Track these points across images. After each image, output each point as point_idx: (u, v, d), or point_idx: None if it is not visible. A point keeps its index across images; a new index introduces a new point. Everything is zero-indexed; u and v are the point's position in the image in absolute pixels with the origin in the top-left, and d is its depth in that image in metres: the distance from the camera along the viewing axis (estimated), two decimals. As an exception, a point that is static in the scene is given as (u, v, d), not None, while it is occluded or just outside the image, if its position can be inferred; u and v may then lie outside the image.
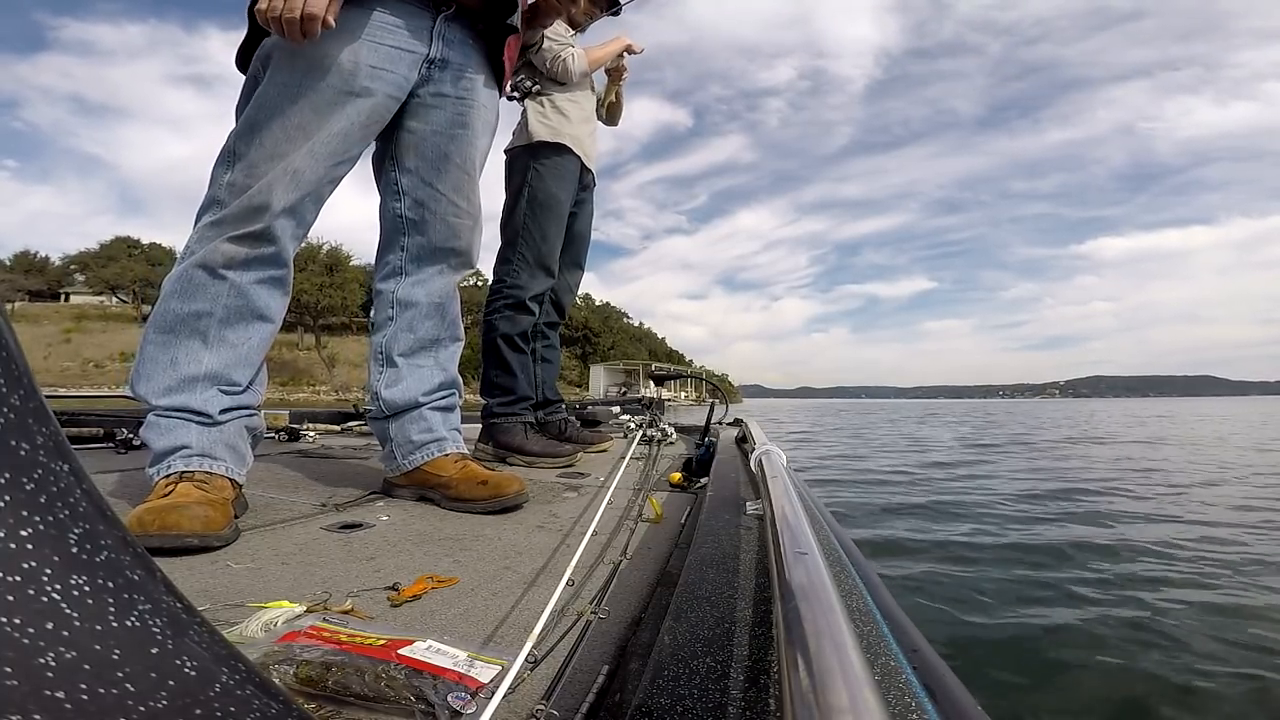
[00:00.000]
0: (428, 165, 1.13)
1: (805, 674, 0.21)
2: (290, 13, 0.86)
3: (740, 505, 0.83)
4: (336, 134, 0.98)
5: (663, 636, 0.41)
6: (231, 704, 0.17)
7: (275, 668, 0.43)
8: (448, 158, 1.14)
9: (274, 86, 0.96)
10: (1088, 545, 3.11)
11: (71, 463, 0.17)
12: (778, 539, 0.45)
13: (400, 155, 1.14)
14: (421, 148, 1.13)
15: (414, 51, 1.06)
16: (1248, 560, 2.86)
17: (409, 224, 1.16)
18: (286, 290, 1.05)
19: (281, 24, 0.88)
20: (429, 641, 0.49)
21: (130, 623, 0.16)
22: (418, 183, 1.14)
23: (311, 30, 0.88)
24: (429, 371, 1.19)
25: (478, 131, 1.16)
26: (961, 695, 0.39)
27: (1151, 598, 2.34)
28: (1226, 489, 5.01)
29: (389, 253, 1.19)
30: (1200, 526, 3.55)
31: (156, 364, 0.94)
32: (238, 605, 0.60)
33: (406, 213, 1.15)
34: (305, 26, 0.88)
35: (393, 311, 1.17)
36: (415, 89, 1.10)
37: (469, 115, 1.14)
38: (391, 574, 0.73)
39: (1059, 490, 4.84)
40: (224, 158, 0.97)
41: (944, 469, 6.27)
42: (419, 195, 1.14)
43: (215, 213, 0.96)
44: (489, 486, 1.09)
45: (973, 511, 3.96)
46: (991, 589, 2.46)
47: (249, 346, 1.00)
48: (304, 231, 1.04)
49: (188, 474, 0.89)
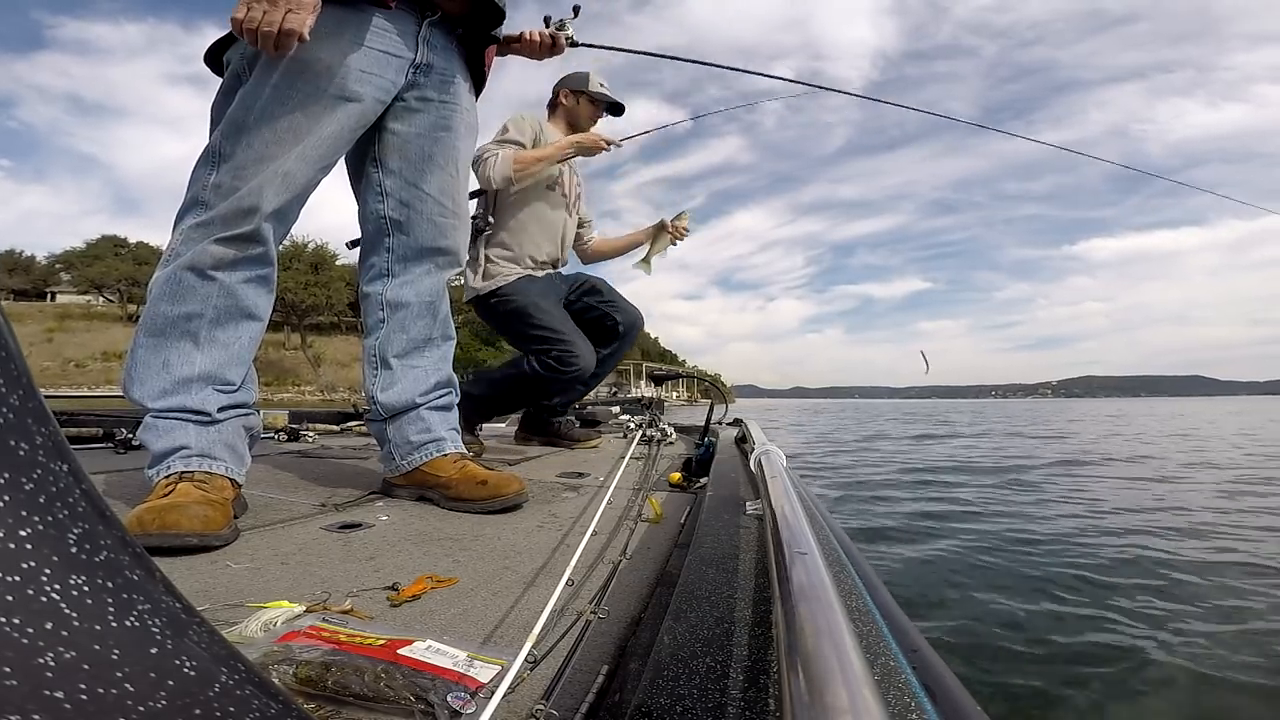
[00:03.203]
0: (411, 167, 1.13)
1: (804, 674, 0.21)
2: (269, 26, 0.85)
3: (740, 505, 0.83)
4: (327, 137, 0.99)
5: (662, 636, 0.41)
6: (231, 704, 0.17)
7: (275, 668, 0.43)
8: (431, 159, 1.14)
9: (262, 88, 0.95)
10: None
11: (70, 463, 0.17)
12: (777, 539, 0.45)
13: (383, 157, 1.13)
14: (405, 149, 1.13)
15: (401, 56, 1.06)
16: (1136, 528, 3.34)
17: (393, 225, 1.15)
18: (272, 288, 1.06)
19: (258, 36, 0.87)
20: (428, 641, 0.49)
21: (129, 623, 0.16)
22: (402, 184, 1.14)
23: (287, 45, 0.87)
24: (424, 371, 1.19)
25: (460, 134, 1.17)
26: (961, 695, 0.39)
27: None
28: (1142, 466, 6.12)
29: (373, 255, 1.18)
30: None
31: (149, 367, 0.94)
32: (237, 605, 0.60)
33: (390, 213, 1.15)
34: (281, 41, 0.87)
35: (383, 314, 1.17)
36: (400, 93, 1.10)
37: (452, 119, 1.15)
38: (391, 574, 0.73)
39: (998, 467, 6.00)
40: (208, 159, 0.96)
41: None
42: (403, 196, 1.14)
43: (200, 214, 0.95)
44: (488, 487, 1.09)
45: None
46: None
47: (240, 345, 1.00)
48: (286, 230, 1.04)
49: (187, 474, 0.89)
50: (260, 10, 0.85)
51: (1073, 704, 1.58)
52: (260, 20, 0.85)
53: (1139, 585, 2.39)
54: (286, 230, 1.04)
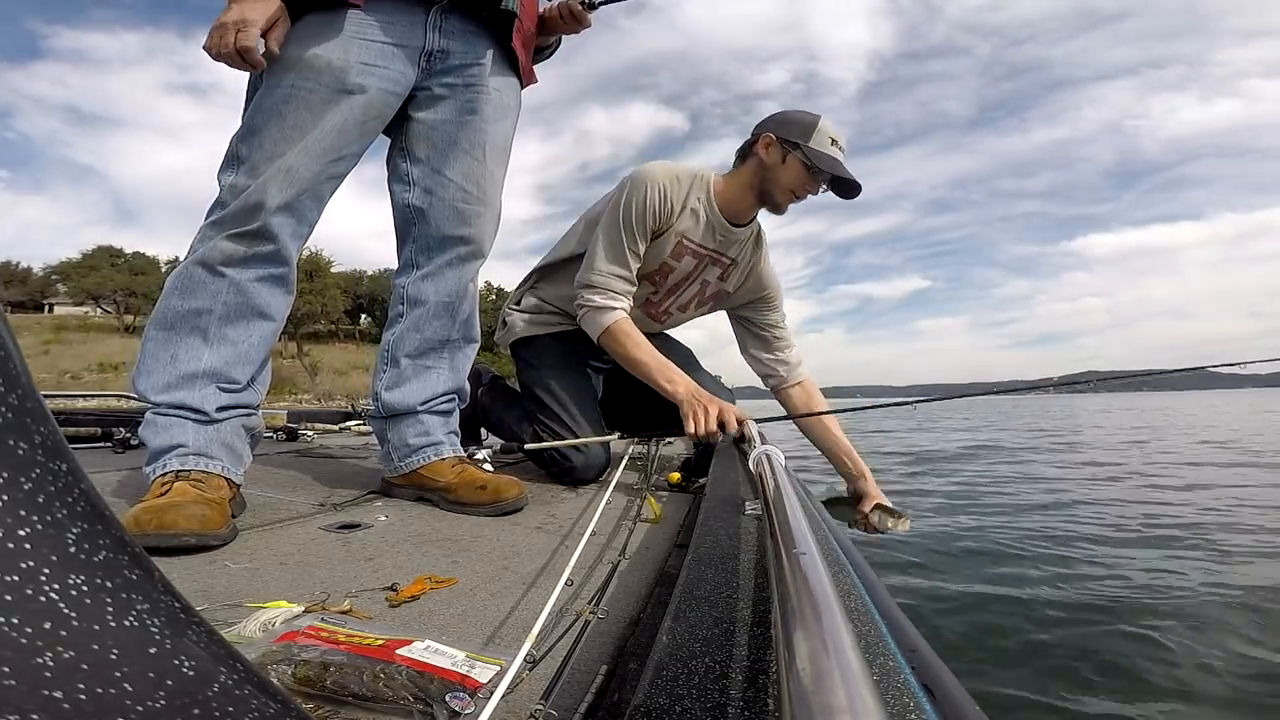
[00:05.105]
0: (438, 154, 1.13)
1: (803, 674, 0.21)
2: (226, 48, 0.89)
3: (739, 505, 0.83)
4: (330, 131, 0.99)
5: (661, 636, 0.41)
6: (230, 704, 0.17)
7: (274, 668, 0.43)
8: (456, 144, 1.13)
9: (270, 90, 0.97)
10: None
11: (69, 462, 0.17)
12: (776, 539, 0.45)
13: (411, 147, 1.13)
14: (432, 137, 1.12)
15: (408, 46, 1.05)
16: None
17: (417, 213, 1.15)
18: (289, 289, 1.05)
19: (227, 60, 0.90)
20: (427, 641, 0.49)
21: (128, 622, 0.16)
22: (427, 171, 1.13)
23: (253, 61, 0.90)
24: (435, 375, 1.18)
25: (488, 117, 1.14)
26: (960, 695, 0.39)
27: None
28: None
29: (403, 247, 1.19)
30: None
31: (157, 360, 0.95)
32: (235, 605, 0.60)
33: (414, 202, 1.14)
34: (246, 58, 0.89)
35: (402, 309, 1.17)
36: (422, 82, 1.10)
37: (478, 102, 1.13)
38: (390, 574, 0.73)
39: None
40: (228, 162, 0.99)
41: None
42: (427, 184, 1.13)
43: (216, 213, 0.97)
44: (488, 491, 1.09)
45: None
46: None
47: (249, 344, 1.00)
48: (307, 230, 1.04)
49: (184, 473, 0.89)
50: (217, 37, 0.89)
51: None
52: (218, 45, 0.89)
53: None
54: (306, 230, 1.04)
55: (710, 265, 1.59)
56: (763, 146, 1.46)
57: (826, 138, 1.41)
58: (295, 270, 1.06)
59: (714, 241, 1.55)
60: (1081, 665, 1.79)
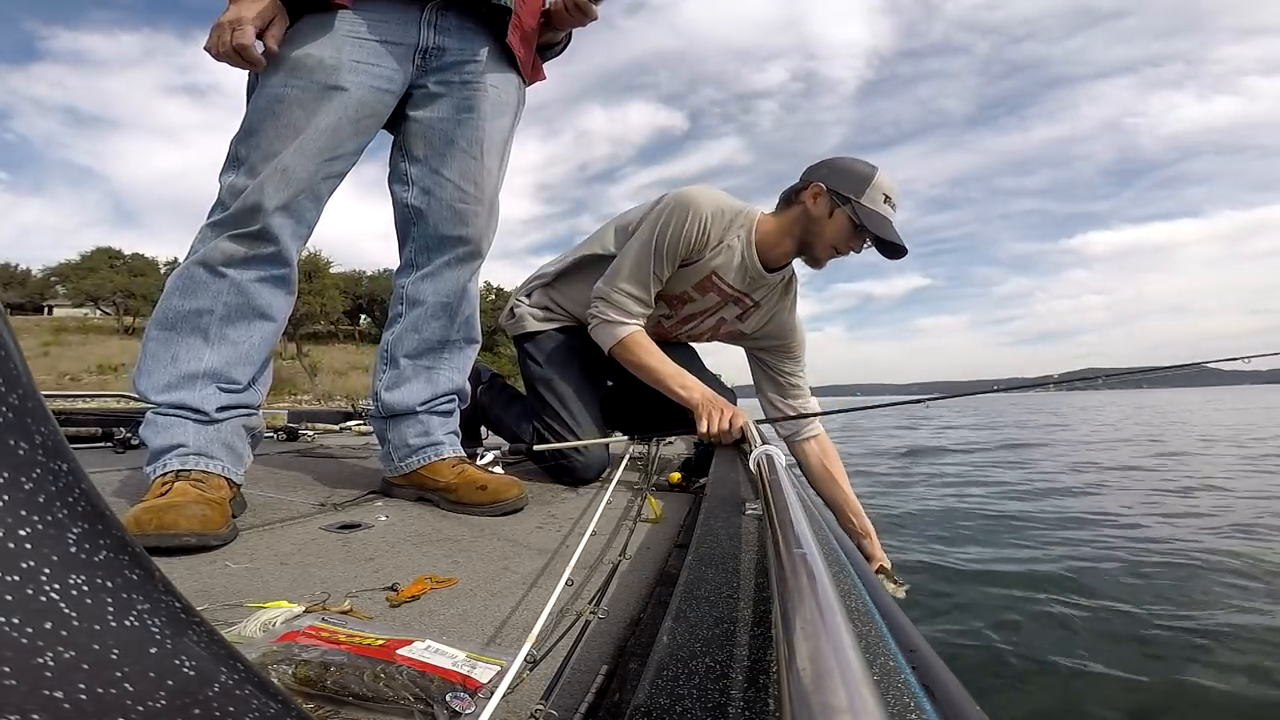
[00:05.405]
0: (435, 153, 1.12)
1: (803, 674, 0.21)
2: (223, 46, 0.90)
3: (739, 505, 0.83)
4: (324, 130, 0.99)
5: (662, 636, 0.41)
6: (230, 704, 0.17)
7: (274, 668, 0.43)
8: (453, 143, 1.12)
9: (264, 90, 0.97)
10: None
11: (70, 462, 0.17)
12: (776, 539, 0.45)
13: (409, 146, 1.13)
14: (429, 135, 1.12)
15: (401, 44, 1.05)
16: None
17: (415, 212, 1.15)
18: (290, 290, 1.05)
19: (226, 60, 0.91)
20: (428, 642, 0.49)
21: (129, 622, 0.16)
22: (425, 171, 1.13)
23: (251, 59, 0.91)
24: (435, 375, 1.19)
25: (486, 115, 1.13)
26: (960, 695, 0.39)
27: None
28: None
29: (403, 247, 1.19)
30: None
31: (158, 360, 0.95)
32: (236, 605, 0.60)
33: (413, 201, 1.14)
34: (243, 56, 0.90)
35: (402, 309, 1.18)
36: (418, 80, 1.09)
37: (475, 99, 1.12)
38: (390, 574, 0.73)
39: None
40: (228, 163, 0.99)
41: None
42: (426, 183, 1.13)
43: (217, 214, 0.97)
44: (489, 492, 1.09)
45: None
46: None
47: (250, 344, 1.00)
48: (307, 230, 1.04)
49: (184, 473, 0.89)
50: (215, 37, 0.91)
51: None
52: (217, 44, 0.91)
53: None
54: (306, 230, 1.04)
55: (732, 304, 1.56)
56: (811, 196, 1.40)
57: (880, 194, 1.35)
58: (296, 270, 1.06)
59: (743, 283, 1.51)
60: (1083, 673, 1.79)
